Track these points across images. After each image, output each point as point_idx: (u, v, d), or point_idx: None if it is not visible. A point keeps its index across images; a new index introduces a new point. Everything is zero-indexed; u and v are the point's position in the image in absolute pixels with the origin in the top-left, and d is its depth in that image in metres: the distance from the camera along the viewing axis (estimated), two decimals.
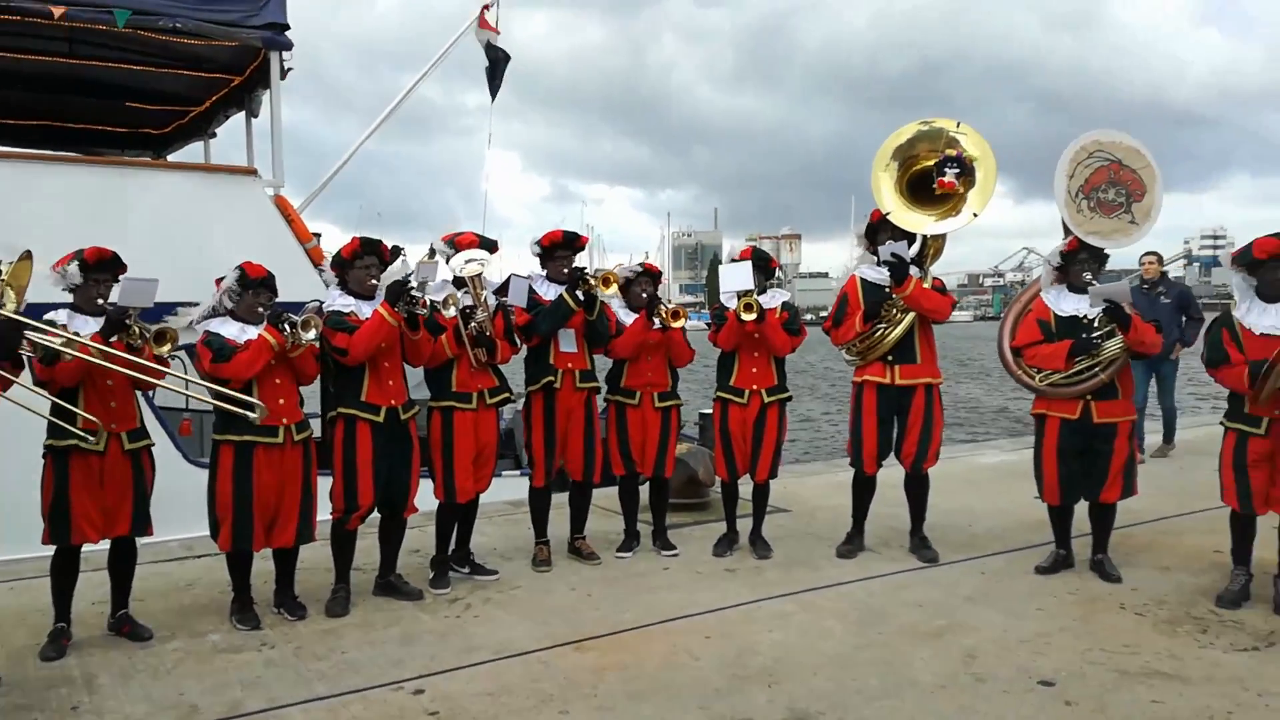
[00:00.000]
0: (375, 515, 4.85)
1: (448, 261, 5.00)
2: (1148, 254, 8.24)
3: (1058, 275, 5.21)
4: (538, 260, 5.48)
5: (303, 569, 4.88)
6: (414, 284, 4.63)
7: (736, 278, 5.38)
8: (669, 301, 5.61)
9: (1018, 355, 5.24)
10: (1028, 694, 3.72)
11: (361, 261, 4.73)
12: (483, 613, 4.71)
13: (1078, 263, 5.08)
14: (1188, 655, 4.08)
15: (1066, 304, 5.10)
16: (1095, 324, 4.94)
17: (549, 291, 5.34)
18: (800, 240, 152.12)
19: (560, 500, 5.64)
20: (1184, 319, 8.00)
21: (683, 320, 5.49)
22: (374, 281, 4.71)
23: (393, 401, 4.73)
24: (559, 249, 5.40)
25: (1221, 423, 4.79)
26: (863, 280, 5.55)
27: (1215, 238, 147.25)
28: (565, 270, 5.35)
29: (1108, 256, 5.20)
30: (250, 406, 4.18)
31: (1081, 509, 5.27)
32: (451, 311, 4.77)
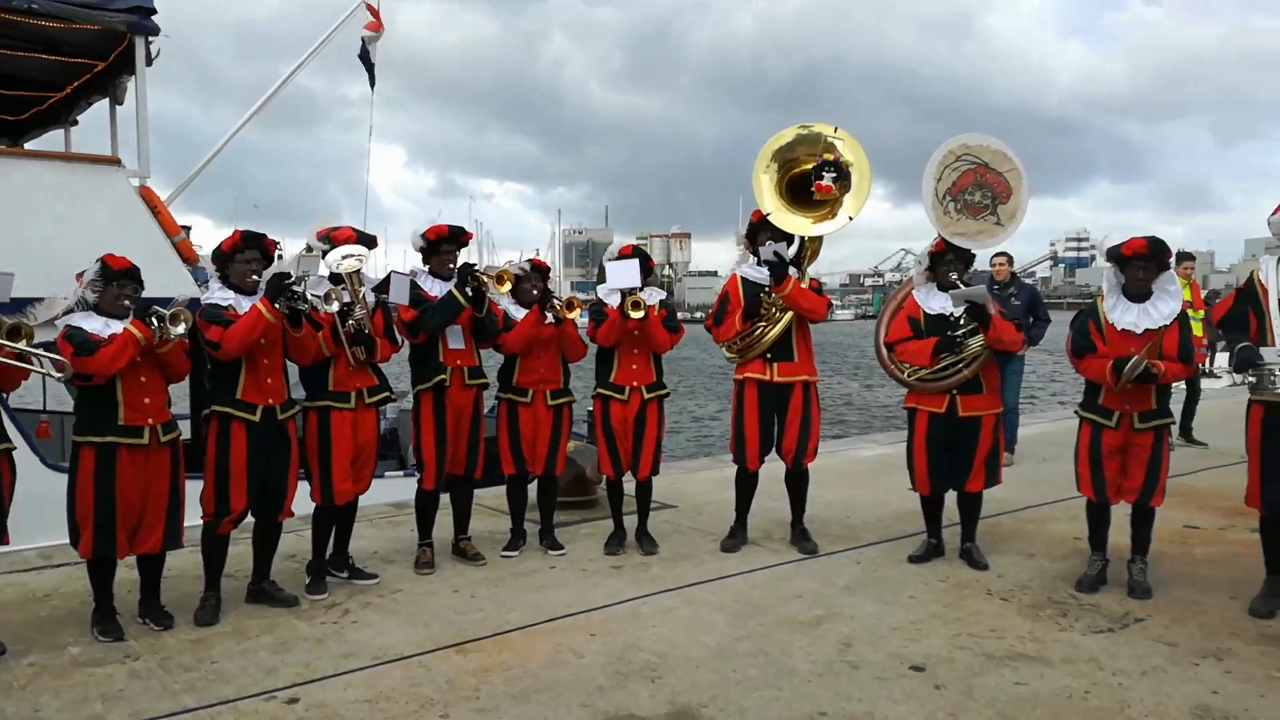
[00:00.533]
0: (249, 519, 4.68)
1: (324, 257, 4.86)
2: (998, 255, 8.53)
3: (927, 275, 5.40)
4: (421, 255, 5.38)
5: (170, 576, 4.68)
6: (295, 279, 4.48)
7: (624, 275, 5.40)
8: (575, 297, 5.60)
9: (890, 350, 5.42)
10: (900, 679, 3.85)
11: (242, 255, 4.55)
12: (361, 618, 4.60)
13: (944, 263, 5.29)
14: (1049, 638, 4.29)
15: (935, 302, 5.30)
16: (960, 322, 5.14)
17: (434, 287, 5.26)
18: (690, 239, 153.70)
19: (443, 500, 5.55)
20: (1031, 319, 8.35)
21: (578, 310, 5.47)
22: (256, 277, 4.54)
23: (270, 400, 4.56)
24: (444, 243, 5.32)
25: (1076, 412, 5.06)
26: (743, 279, 5.65)
27: (1079, 240, 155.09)
28: (451, 265, 5.28)
29: (974, 257, 5.42)
30: (56, 365, 3.96)
31: (952, 500, 5.49)
32: (335, 307, 4.64)
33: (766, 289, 5.49)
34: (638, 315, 5.28)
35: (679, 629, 4.42)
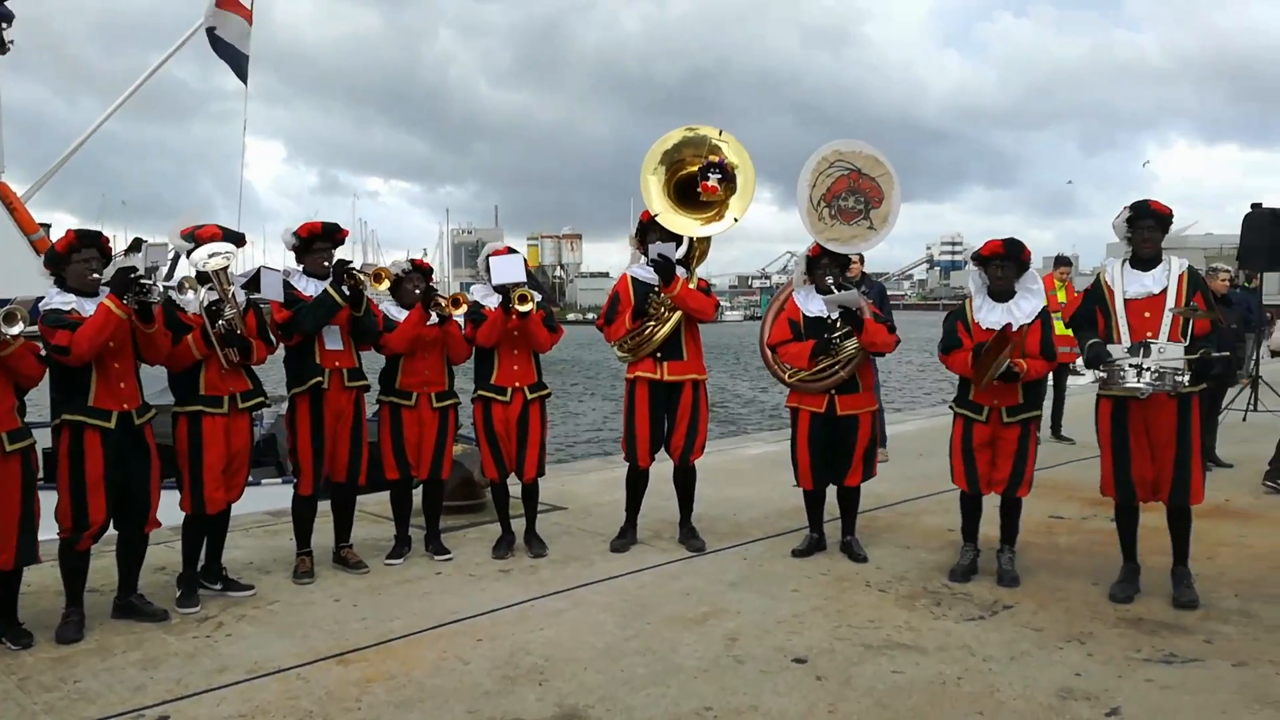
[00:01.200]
0: (111, 531, 4.45)
1: (189, 256, 4.65)
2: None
3: (807, 278, 5.54)
4: (294, 254, 5.22)
5: (29, 593, 4.43)
6: (142, 272, 4.25)
7: (509, 270, 5.35)
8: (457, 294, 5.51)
9: (774, 352, 5.54)
10: (783, 671, 3.93)
11: (79, 255, 4.28)
12: (236, 630, 4.42)
13: (820, 267, 5.45)
14: (924, 627, 4.44)
15: (813, 305, 5.45)
16: (836, 325, 5.30)
17: (309, 287, 5.10)
18: (581, 240, 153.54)
19: (323, 508, 5.39)
20: None
21: (464, 307, 5.38)
22: (95, 276, 4.27)
23: (125, 405, 4.33)
24: (318, 241, 5.17)
25: (950, 407, 5.26)
26: (633, 279, 5.68)
27: (953, 244, 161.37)
28: (325, 264, 5.13)
29: (850, 260, 5.59)
30: None
31: (833, 495, 5.63)
32: (189, 297, 4.44)
33: (656, 289, 5.53)
34: (525, 309, 5.24)
35: (567, 631, 4.40)
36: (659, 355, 5.60)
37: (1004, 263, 5.01)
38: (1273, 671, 3.88)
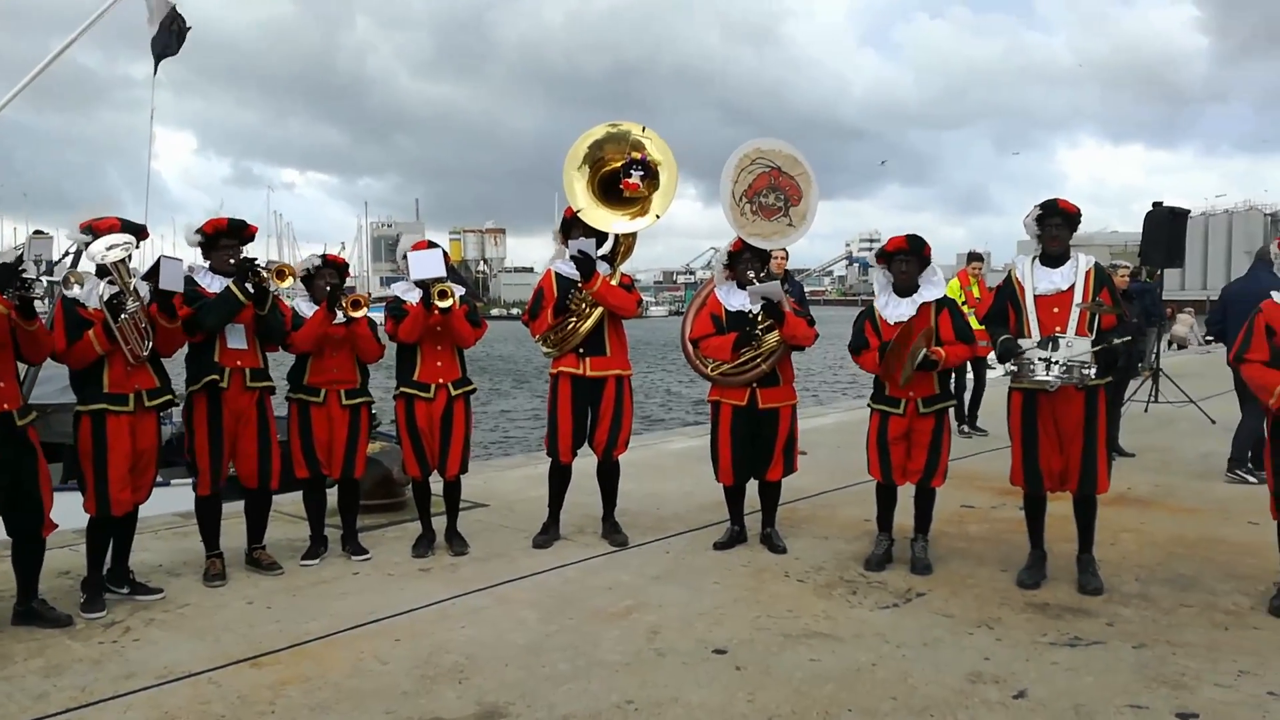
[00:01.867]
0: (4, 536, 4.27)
1: (86, 249, 4.48)
2: (776, 250, 8.93)
3: (727, 273, 5.60)
4: (199, 250, 5.07)
5: None
6: (25, 265, 4.07)
7: (428, 265, 5.29)
8: (368, 293, 5.41)
9: (695, 346, 5.59)
10: (703, 663, 3.97)
11: None
12: (144, 635, 4.29)
13: (742, 261, 5.51)
14: (840, 615, 4.53)
15: (735, 300, 5.51)
16: (757, 319, 5.36)
17: (213, 284, 4.96)
18: (505, 234, 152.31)
19: (237, 509, 5.26)
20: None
21: (364, 310, 5.28)
22: None
23: (5, 406, 4.14)
24: (224, 237, 5.03)
25: (868, 404, 5.37)
26: (557, 275, 5.67)
27: (871, 240, 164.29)
28: (232, 261, 4.99)
29: (770, 255, 5.66)
30: None
31: (753, 487, 5.69)
32: (76, 292, 4.27)
33: (578, 285, 5.52)
34: (445, 305, 5.19)
35: (489, 628, 4.37)
36: (581, 351, 5.60)
37: (907, 258, 5.13)
38: (1169, 651, 4.06)
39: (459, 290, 5.52)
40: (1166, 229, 11.25)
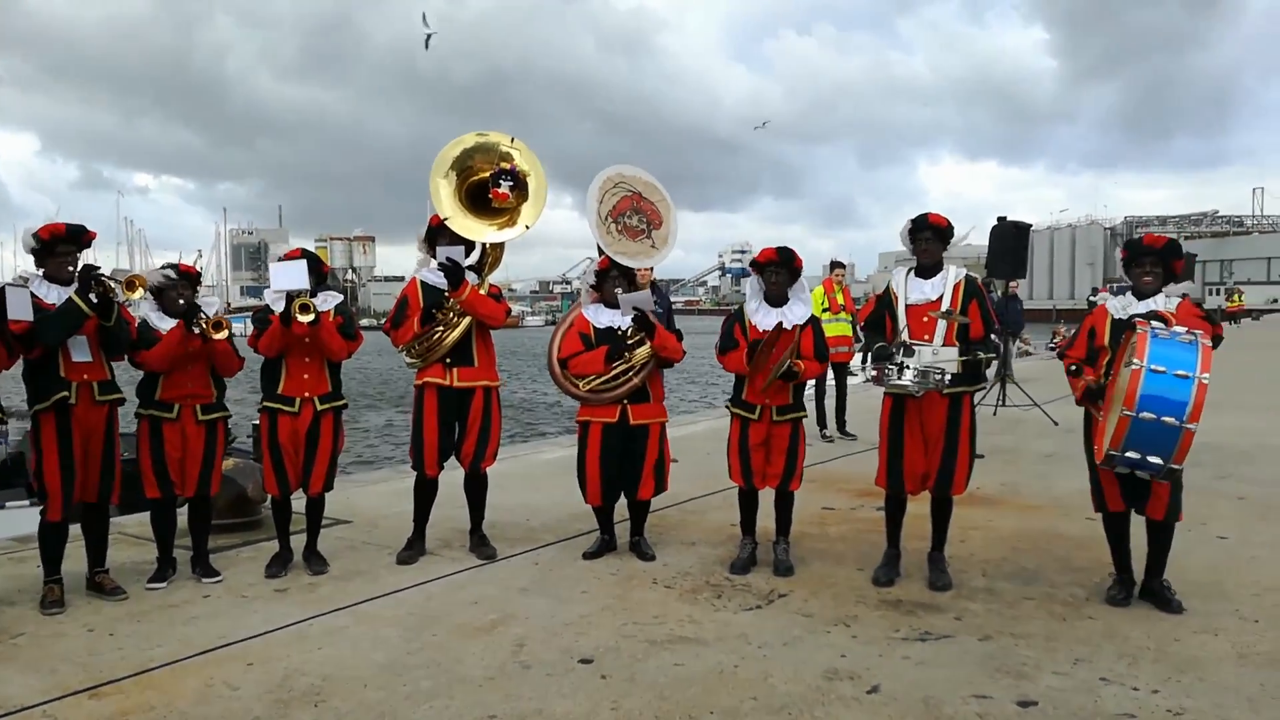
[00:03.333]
0: None
1: None
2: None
3: (594, 294, 5.64)
4: (34, 257, 4.77)
5: None
6: None
7: (289, 276, 5.12)
8: (228, 303, 5.17)
9: (564, 366, 5.59)
10: (569, 673, 3.96)
11: None
12: None
13: (610, 279, 5.57)
14: (705, 619, 4.60)
15: (603, 318, 5.56)
16: (628, 334, 5.42)
17: (51, 294, 4.67)
18: (374, 242, 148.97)
19: (76, 531, 4.96)
20: None
21: (225, 331, 5.07)
22: None
23: None
24: (61, 244, 4.73)
25: (727, 407, 5.48)
26: (422, 283, 5.58)
27: (742, 251, 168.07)
28: (70, 269, 4.71)
29: (635, 274, 5.73)
30: None
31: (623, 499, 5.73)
32: None
33: (446, 294, 5.45)
34: (306, 319, 5.02)
35: (347, 648, 4.25)
36: (448, 361, 5.52)
37: (778, 269, 5.28)
38: (1012, 643, 4.28)
39: (333, 301, 5.36)
40: (1011, 242, 11.90)
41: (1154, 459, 4.27)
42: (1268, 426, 10.68)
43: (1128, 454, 4.31)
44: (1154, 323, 4.41)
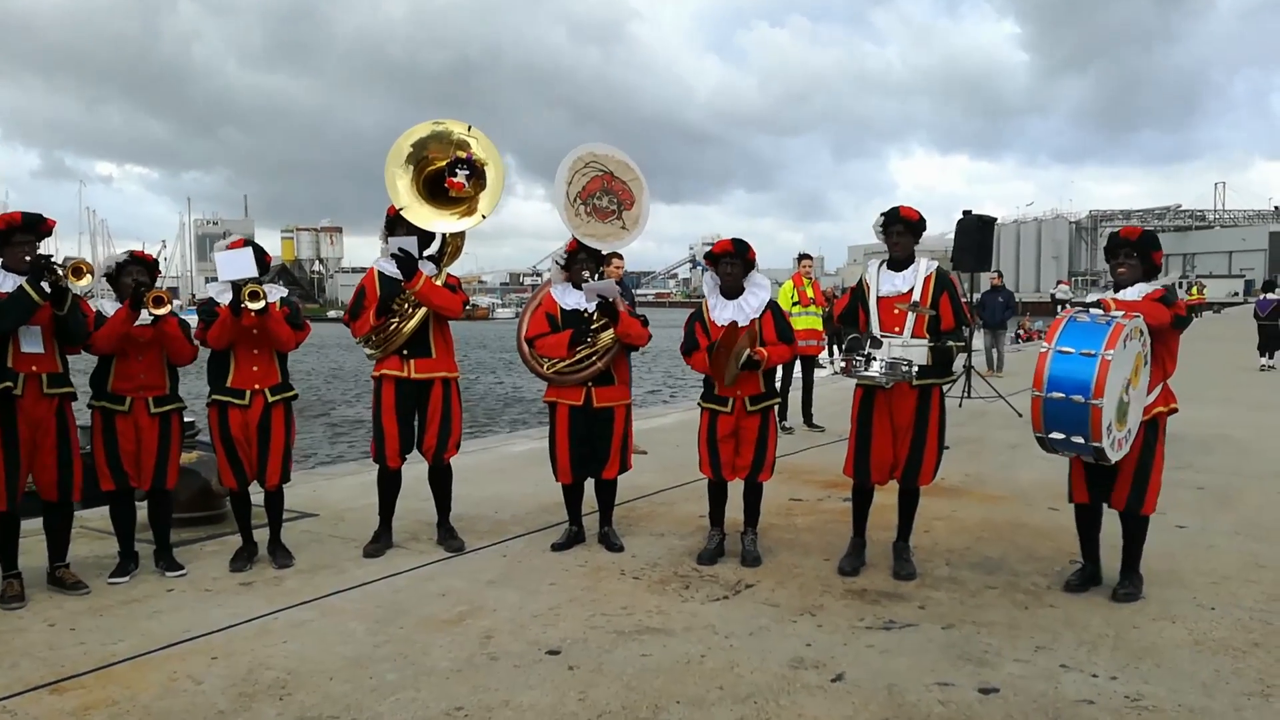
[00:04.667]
0: None
1: None
2: (615, 257, 9.11)
3: (564, 274, 5.62)
4: None
5: None
6: None
7: (236, 265, 5.06)
8: (192, 295, 5.10)
9: (531, 346, 5.58)
10: (536, 665, 3.96)
11: None
12: None
13: (578, 262, 5.56)
14: (673, 610, 4.61)
15: (570, 299, 5.54)
16: (592, 318, 5.41)
17: (5, 282, 4.59)
18: (342, 233, 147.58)
19: (35, 526, 4.89)
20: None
21: (167, 307, 4.95)
22: None
23: None
24: (17, 234, 4.66)
25: (698, 403, 5.50)
26: (380, 274, 5.54)
27: (711, 243, 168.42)
28: (26, 258, 4.64)
29: (604, 256, 5.72)
30: None
31: (591, 488, 5.73)
32: None
33: (402, 284, 5.42)
34: (256, 306, 4.96)
35: (313, 642, 4.23)
36: (405, 353, 5.49)
37: (732, 260, 5.30)
38: (975, 631, 4.33)
39: (279, 292, 5.31)
40: (976, 235, 12.02)
41: (1077, 438, 4.34)
42: (1226, 418, 10.89)
43: (1052, 435, 4.41)
44: (1092, 310, 4.47)
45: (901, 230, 5.10)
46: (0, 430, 4.59)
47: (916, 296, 5.00)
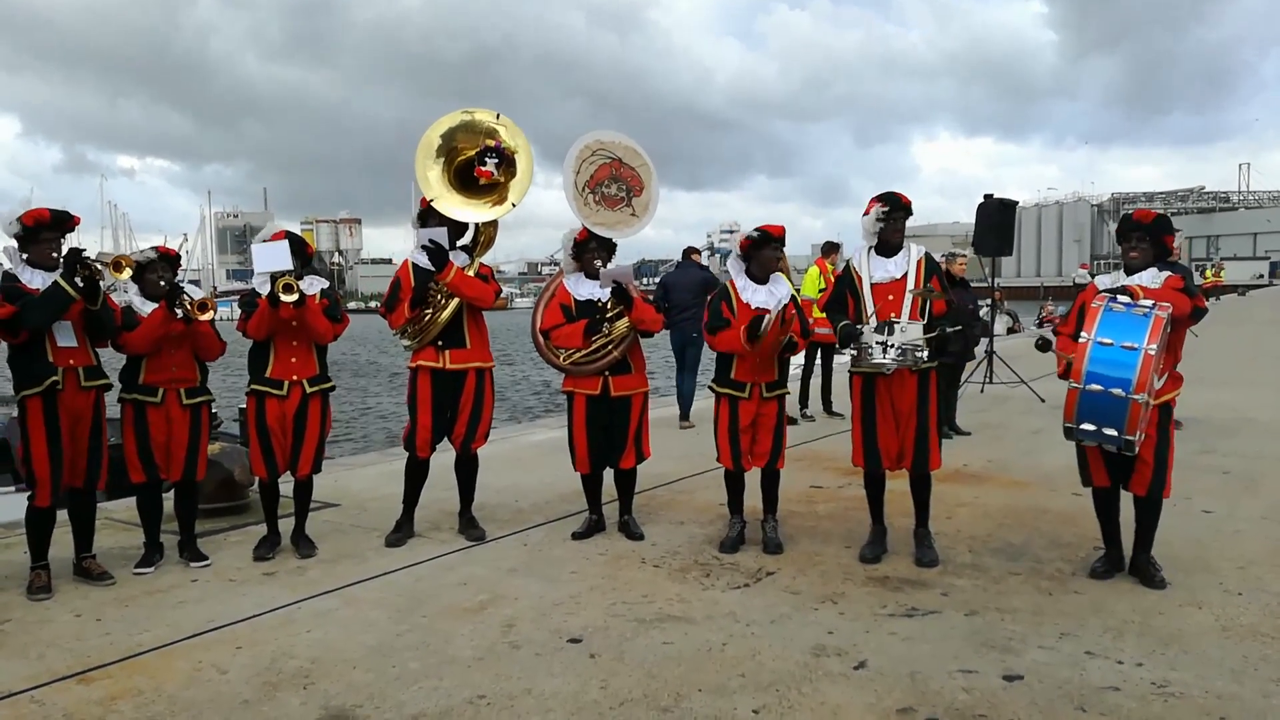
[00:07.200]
0: None
1: None
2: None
3: (575, 264, 5.62)
4: (18, 243, 4.72)
5: None
6: None
7: (271, 258, 5.09)
8: (214, 287, 5.15)
9: (546, 337, 5.57)
10: (558, 653, 3.97)
11: None
12: None
13: (588, 251, 5.55)
14: (694, 598, 4.61)
15: (583, 289, 5.54)
16: (607, 306, 5.40)
17: (35, 279, 4.63)
18: (361, 225, 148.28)
19: (62, 517, 4.93)
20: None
21: (211, 313, 5.05)
22: None
23: None
24: (45, 230, 4.69)
25: (710, 387, 5.47)
26: (414, 265, 5.56)
27: (730, 231, 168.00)
28: (54, 254, 4.67)
29: (615, 245, 5.71)
30: None
31: (611, 477, 5.73)
32: None
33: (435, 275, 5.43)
34: (290, 299, 4.99)
35: (336, 631, 4.25)
36: (440, 343, 5.50)
37: (778, 245, 5.36)
38: (998, 618, 4.30)
39: (319, 284, 5.34)
40: (997, 219, 11.90)
41: (1110, 430, 4.29)
42: (1251, 401, 10.76)
43: (1083, 426, 4.36)
44: (1120, 297, 4.42)
45: (902, 216, 5.09)
46: (44, 425, 4.64)
47: (911, 281, 4.99)
